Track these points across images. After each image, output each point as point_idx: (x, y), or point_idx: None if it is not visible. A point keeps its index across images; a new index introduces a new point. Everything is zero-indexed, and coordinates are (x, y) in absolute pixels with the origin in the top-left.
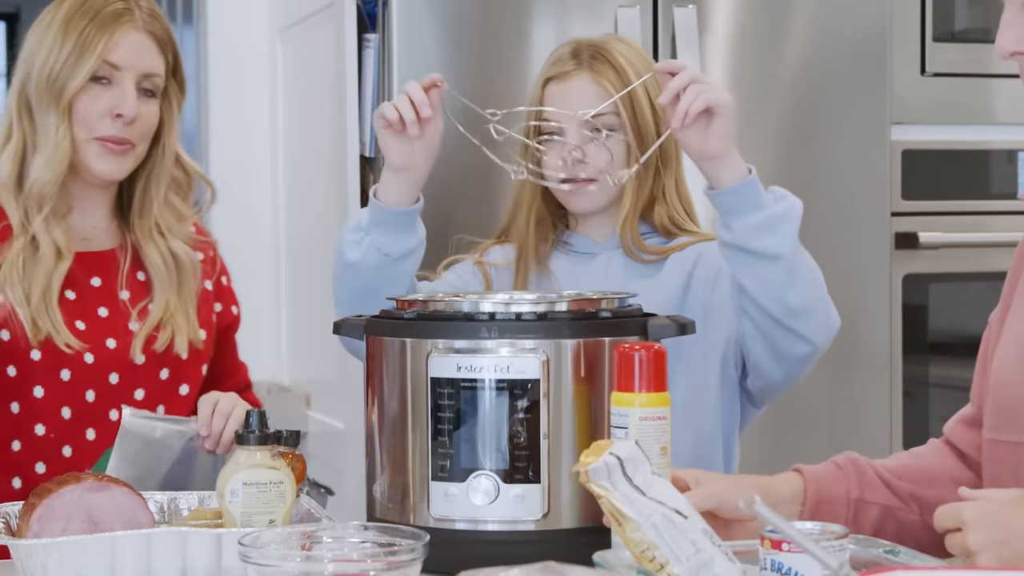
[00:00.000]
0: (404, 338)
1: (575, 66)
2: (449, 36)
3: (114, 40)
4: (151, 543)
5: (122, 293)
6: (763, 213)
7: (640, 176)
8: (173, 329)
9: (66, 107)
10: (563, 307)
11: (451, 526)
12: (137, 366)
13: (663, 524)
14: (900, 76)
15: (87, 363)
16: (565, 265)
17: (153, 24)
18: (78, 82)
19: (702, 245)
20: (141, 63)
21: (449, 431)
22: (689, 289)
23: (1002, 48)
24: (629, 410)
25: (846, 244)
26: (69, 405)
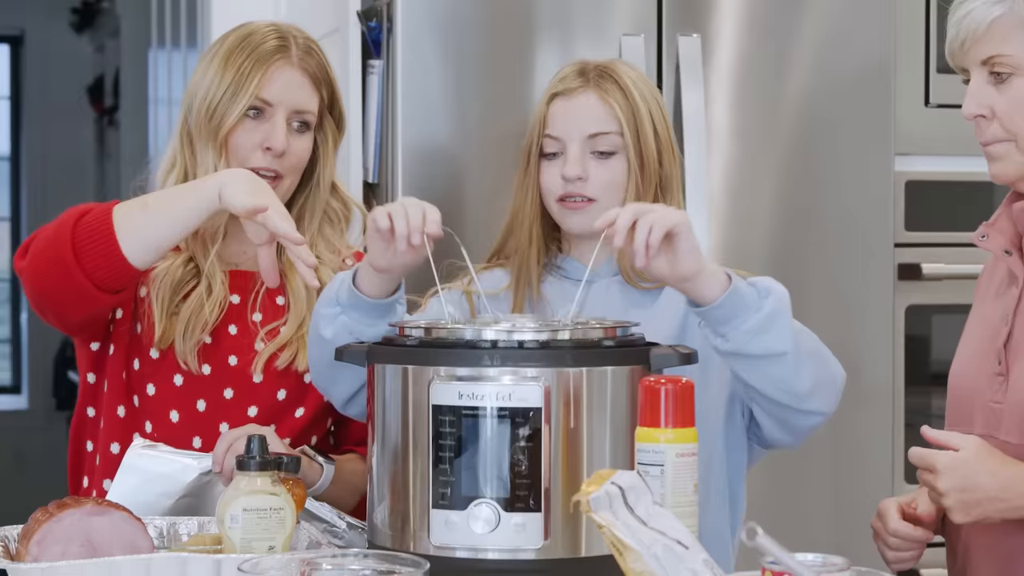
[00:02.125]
0: (406, 365)
1: (582, 83)
2: (453, 63)
3: (268, 77)
4: (150, 568)
5: (255, 315)
6: (755, 317)
7: (639, 200)
8: (298, 347)
9: (223, 141)
10: (566, 335)
11: (451, 554)
12: (254, 384)
13: (664, 554)
14: (903, 107)
15: (203, 374)
16: (558, 291)
17: (308, 61)
18: (233, 118)
19: None
20: (293, 99)
21: (450, 459)
22: (688, 325)
23: (967, 111)
24: (664, 447)
25: (849, 275)
26: (178, 410)
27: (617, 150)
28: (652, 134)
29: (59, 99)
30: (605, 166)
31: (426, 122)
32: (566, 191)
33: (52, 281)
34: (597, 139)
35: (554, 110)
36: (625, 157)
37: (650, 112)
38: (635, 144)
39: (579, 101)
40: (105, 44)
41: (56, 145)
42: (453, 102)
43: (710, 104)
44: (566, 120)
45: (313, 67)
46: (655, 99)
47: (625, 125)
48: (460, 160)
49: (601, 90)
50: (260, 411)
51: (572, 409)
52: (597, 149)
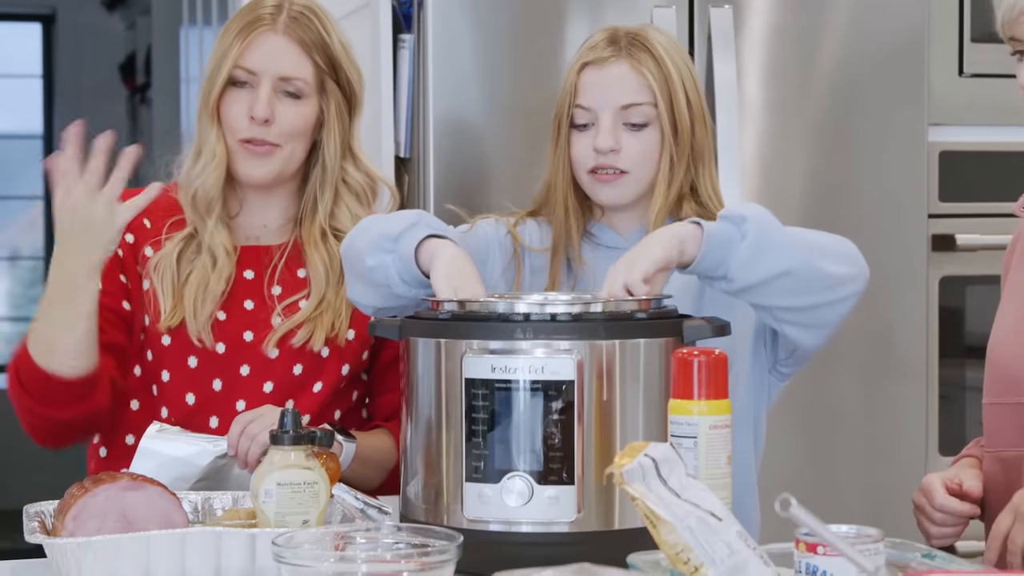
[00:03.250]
0: (439, 339)
1: (613, 52)
2: (484, 36)
3: (248, 45)
4: (185, 543)
5: (273, 288)
6: (743, 247)
7: (673, 171)
8: (315, 326)
9: (212, 111)
10: (598, 308)
11: (485, 527)
12: (270, 360)
13: (698, 526)
14: (937, 77)
15: (217, 353)
16: (591, 258)
17: (294, 27)
18: (217, 87)
19: None
20: (277, 66)
21: (483, 432)
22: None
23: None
24: (697, 419)
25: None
26: (194, 392)
27: (650, 121)
28: (685, 103)
29: (91, 77)
30: (638, 138)
31: (457, 96)
32: (598, 163)
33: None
34: (630, 110)
35: (585, 80)
36: (658, 128)
37: (682, 80)
38: (669, 114)
39: (611, 71)
40: (136, 22)
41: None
42: (484, 76)
43: (742, 76)
44: (598, 90)
45: (300, 32)
46: (687, 66)
47: (659, 95)
48: (491, 133)
49: (633, 59)
50: (276, 387)
51: (605, 381)
52: (630, 121)
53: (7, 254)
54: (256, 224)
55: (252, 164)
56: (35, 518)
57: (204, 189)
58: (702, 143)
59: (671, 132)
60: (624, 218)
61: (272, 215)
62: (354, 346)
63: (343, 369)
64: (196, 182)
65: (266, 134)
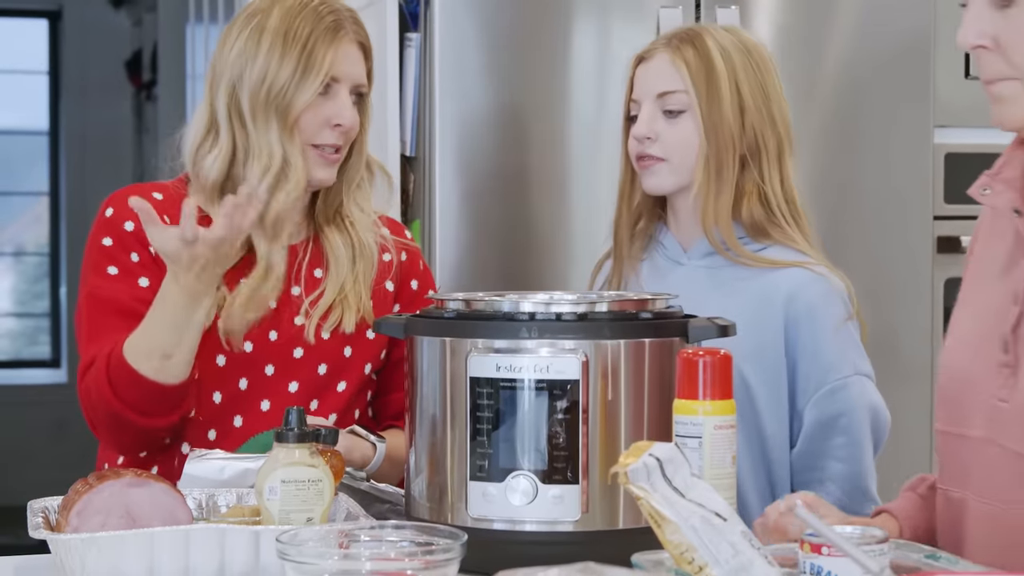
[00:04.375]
0: (444, 337)
1: (661, 45)
2: (491, 35)
3: (339, 54)
4: (189, 539)
5: (294, 288)
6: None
7: (715, 164)
8: (343, 308)
9: (293, 123)
10: (603, 308)
11: (489, 526)
12: (295, 360)
13: (702, 526)
14: (943, 79)
15: (245, 352)
16: (651, 271)
17: (360, 34)
18: (307, 98)
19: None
20: (354, 73)
21: (488, 431)
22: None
23: (963, 39)
24: (702, 419)
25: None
26: (220, 390)
27: (686, 108)
28: (731, 95)
29: (97, 74)
30: (674, 125)
31: (463, 95)
32: (639, 151)
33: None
34: (665, 98)
35: (636, 73)
36: (694, 116)
37: (733, 73)
38: (704, 103)
39: (652, 62)
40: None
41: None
42: (490, 75)
43: None
44: (641, 81)
45: (363, 39)
46: (745, 62)
47: (692, 83)
48: (497, 132)
49: (674, 50)
50: (301, 387)
51: (610, 381)
52: (666, 108)
53: (12, 250)
54: None
55: (325, 170)
56: (39, 514)
57: (280, 209)
58: (759, 141)
59: (707, 122)
60: (685, 224)
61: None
62: (374, 345)
63: (366, 368)
64: (274, 203)
65: (343, 140)
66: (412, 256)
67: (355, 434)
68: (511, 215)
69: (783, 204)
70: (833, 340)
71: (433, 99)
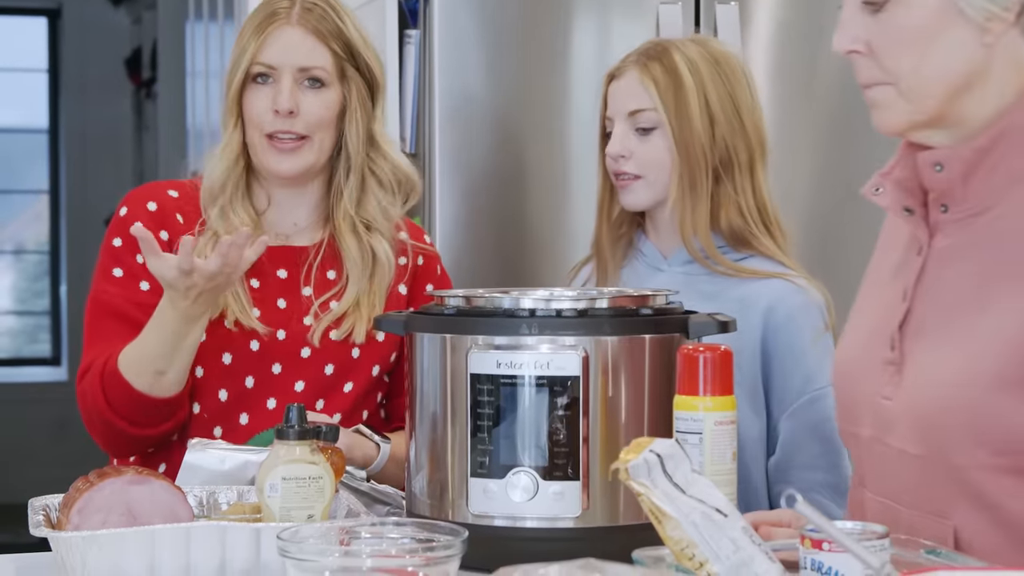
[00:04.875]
0: (444, 334)
1: (631, 63)
2: (490, 33)
3: (265, 41)
4: (190, 537)
5: (305, 289)
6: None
7: (688, 179)
8: (355, 319)
9: (232, 107)
10: (603, 304)
11: (490, 522)
12: (302, 359)
13: (703, 522)
14: None
15: (251, 350)
16: (633, 276)
17: (308, 18)
18: (236, 83)
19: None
20: (295, 58)
21: (488, 427)
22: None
23: (838, 45)
24: (702, 415)
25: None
26: (226, 388)
27: (657, 125)
28: (700, 110)
29: (97, 72)
30: (647, 143)
31: (463, 92)
32: (614, 168)
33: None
34: (637, 116)
35: (608, 91)
36: (665, 133)
37: (702, 87)
38: (674, 120)
39: (622, 81)
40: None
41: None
42: (490, 71)
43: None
44: (613, 99)
45: (315, 22)
46: (714, 74)
47: (659, 101)
48: (496, 129)
49: (641, 68)
50: (307, 386)
51: (610, 377)
52: (638, 126)
53: (12, 248)
54: (286, 222)
55: (279, 159)
56: (40, 512)
57: (211, 179)
58: (730, 152)
59: (678, 138)
60: (665, 233)
61: (302, 213)
62: (384, 348)
63: (374, 370)
64: (207, 173)
65: (292, 126)
66: (429, 260)
67: (360, 433)
68: (510, 211)
69: (755, 214)
70: (811, 351)
71: (432, 96)
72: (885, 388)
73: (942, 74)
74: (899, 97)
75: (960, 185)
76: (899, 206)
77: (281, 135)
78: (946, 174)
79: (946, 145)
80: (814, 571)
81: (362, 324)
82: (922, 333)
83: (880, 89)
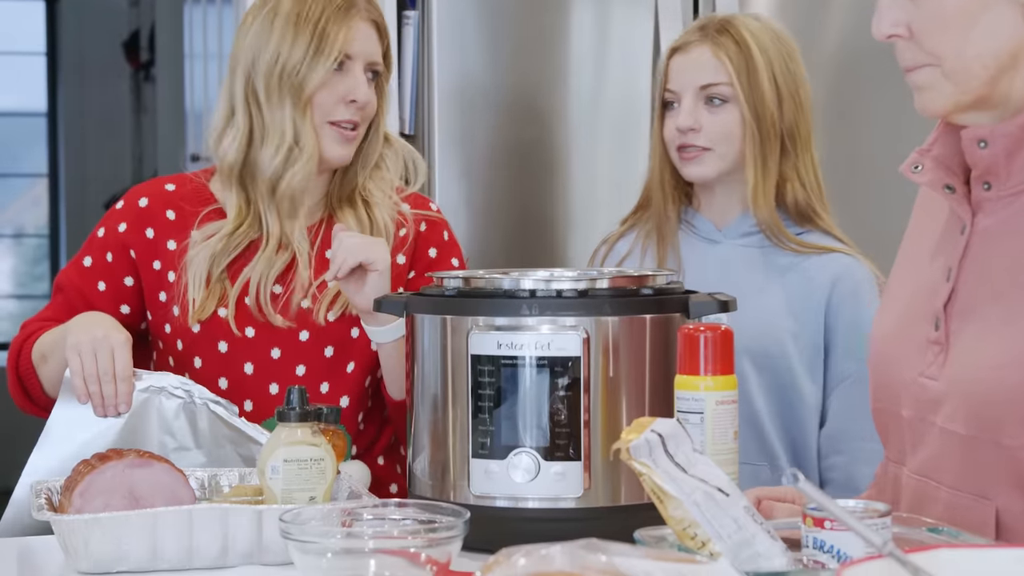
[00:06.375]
0: (445, 315)
1: (699, 37)
2: (489, 14)
3: (351, 31)
4: (192, 519)
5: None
6: None
7: (761, 151)
8: None
9: (307, 101)
10: (604, 284)
11: (491, 503)
12: (301, 343)
13: (705, 502)
14: None
15: (247, 337)
16: (690, 250)
17: (373, 12)
18: (321, 75)
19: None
20: (368, 50)
21: (490, 408)
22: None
23: (878, 30)
24: (704, 394)
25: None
26: (226, 376)
27: (730, 100)
28: (770, 85)
29: (95, 55)
30: (717, 116)
31: (462, 73)
32: (681, 141)
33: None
34: (708, 89)
35: (672, 65)
36: (738, 107)
37: (770, 63)
38: (747, 94)
39: (693, 55)
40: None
41: (92, 101)
42: (488, 53)
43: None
44: (681, 73)
45: (378, 17)
46: (778, 51)
47: (735, 75)
48: (495, 110)
49: (714, 43)
50: (308, 370)
51: (611, 358)
52: (711, 98)
53: (11, 232)
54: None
55: (342, 146)
56: (42, 495)
57: (292, 186)
58: (793, 127)
59: (751, 112)
60: (719, 205)
61: (311, 195)
62: None
63: (373, 344)
64: (285, 179)
65: (358, 116)
66: (433, 225)
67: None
68: (509, 193)
69: (816, 189)
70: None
71: (431, 77)
72: (929, 368)
73: (986, 54)
74: (943, 79)
75: (1004, 162)
76: (940, 184)
77: (345, 124)
78: (990, 151)
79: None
80: (816, 549)
81: None
82: (969, 313)
83: (924, 71)
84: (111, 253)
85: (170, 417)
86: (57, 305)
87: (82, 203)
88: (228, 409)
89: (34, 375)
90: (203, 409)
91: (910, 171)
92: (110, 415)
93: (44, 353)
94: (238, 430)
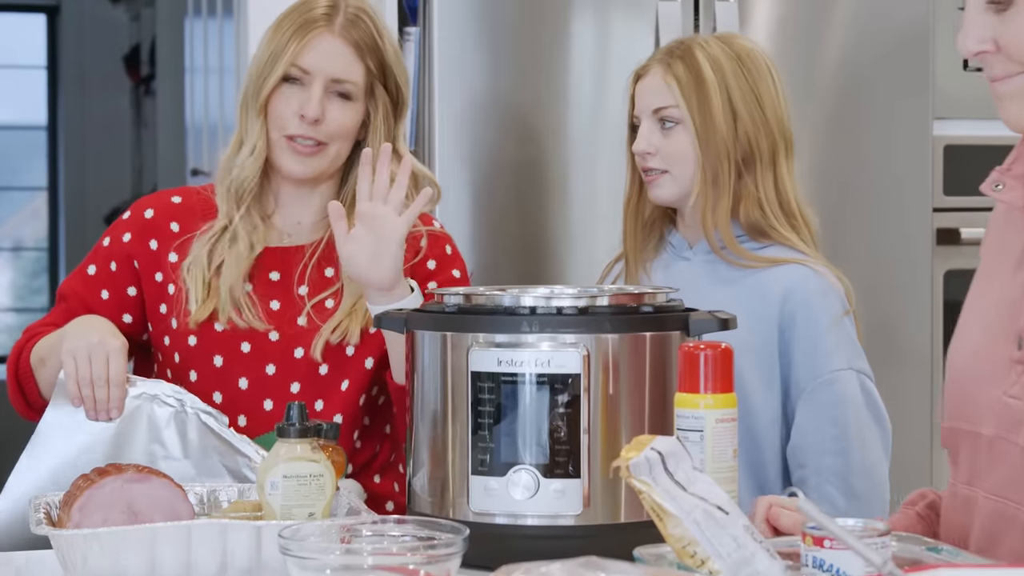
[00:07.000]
0: (445, 332)
1: (657, 60)
2: (489, 30)
3: (306, 45)
4: (191, 535)
5: (300, 288)
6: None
7: (711, 173)
8: (350, 323)
9: (262, 106)
10: (604, 301)
11: (491, 520)
12: (295, 360)
13: (704, 520)
14: (943, 70)
15: (243, 352)
16: (662, 269)
17: (351, 30)
18: (270, 84)
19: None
20: (331, 68)
21: (489, 425)
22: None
23: (964, 48)
24: (704, 412)
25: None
26: (220, 391)
27: (680, 122)
28: (723, 105)
29: (95, 68)
30: (671, 139)
31: (462, 89)
32: (642, 164)
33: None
34: (660, 112)
35: (636, 89)
36: (688, 129)
37: (725, 86)
38: (696, 117)
39: (647, 79)
40: (141, 13)
41: (93, 115)
42: (489, 69)
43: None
44: (640, 96)
45: (357, 36)
46: (735, 69)
47: (682, 98)
48: (496, 127)
49: (666, 66)
50: (303, 387)
51: (611, 375)
52: (663, 123)
53: (11, 245)
54: (291, 221)
55: (297, 161)
56: (41, 509)
57: (240, 180)
58: (752, 145)
59: (702, 134)
60: (690, 225)
61: (308, 211)
62: (376, 338)
63: (367, 362)
64: (234, 172)
65: (315, 132)
66: (435, 240)
67: None
68: (510, 209)
69: (775, 207)
70: (829, 334)
71: (432, 93)
72: (1013, 387)
73: None
74: None
75: None
76: (1022, 202)
77: (301, 139)
78: None
79: None
80: (816, 568)
81: (356, 326)
82: None
83: (1016, 80)
84: (115, 263)
85: (161, 426)
86: (60, 313)
87: (82, 217)
88: (219, 420)
89: (32, 378)
90: (194, 419)
91: (991, 190)
92: (101, 419)
93: (42, 356)
94: (226, 442)
